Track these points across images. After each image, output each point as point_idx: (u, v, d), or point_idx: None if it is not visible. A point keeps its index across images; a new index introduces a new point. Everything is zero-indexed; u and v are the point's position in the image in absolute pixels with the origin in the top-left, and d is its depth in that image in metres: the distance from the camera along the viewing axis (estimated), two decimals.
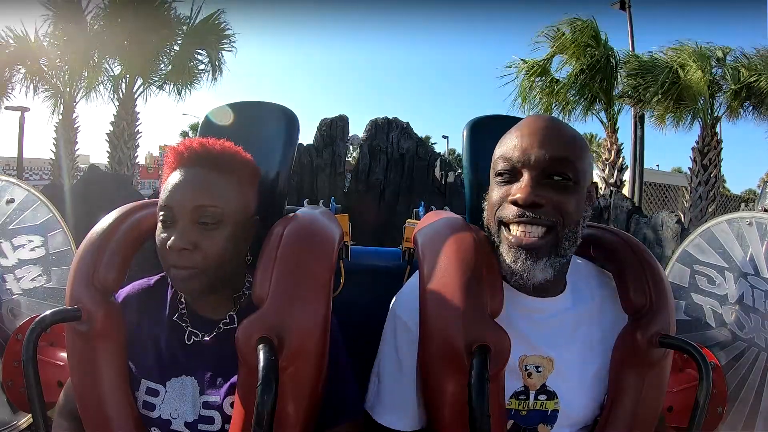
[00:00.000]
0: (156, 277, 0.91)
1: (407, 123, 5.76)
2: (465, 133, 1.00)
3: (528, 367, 0.81)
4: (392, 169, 5.53)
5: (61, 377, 1.10)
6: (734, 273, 1.25)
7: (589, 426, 0.86)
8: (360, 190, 5.51)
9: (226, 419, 0.79)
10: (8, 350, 1.21)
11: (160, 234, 0.79)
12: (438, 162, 5.56)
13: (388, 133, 5.63)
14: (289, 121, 1.02)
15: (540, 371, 0.81)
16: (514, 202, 0.75)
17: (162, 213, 0.79)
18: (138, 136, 8.61)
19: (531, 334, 0.80)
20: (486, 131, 0.95)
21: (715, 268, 1.28)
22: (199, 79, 8.80)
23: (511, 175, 0.77)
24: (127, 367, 0.82)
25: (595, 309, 0.86)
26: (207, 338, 0.83)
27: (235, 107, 1.06)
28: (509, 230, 0.76)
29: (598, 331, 0.85)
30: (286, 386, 0.69)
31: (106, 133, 8.50)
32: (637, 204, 6.43)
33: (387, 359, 0.85)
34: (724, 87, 7.46)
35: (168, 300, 0.88)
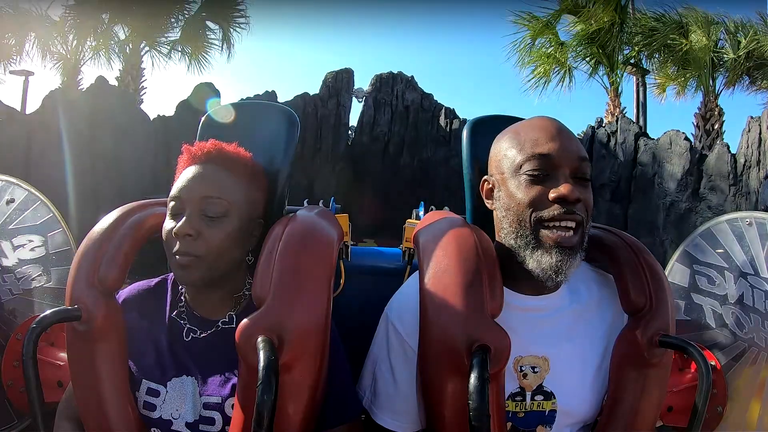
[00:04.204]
0: (157, 279, 0.92)
1: (412, 76, 5.69)
2: (465, 133, 1.00)
3: (523, 368, 0.80)
4: (396, 121, 5.47)
5: (61, 377, 1.10)
6: (734, 273, 1.25)
7: (589, 425, 0.86)
8: (364, 143, 5.47)
9: (227, 421, 0.79)
10: (8, 350, 1.21)
11: (167, 224, 0.81)
12: (442, 111, 5.51)
13: (393, 86, 5.59)
14: (289, 121, 1.02)
15: (537, 372, 0.81)
16: (561, 199, 0.75)
17: (171, 204, 0.81)
18: (143, 92, 8.59)
19: (526, 334, 0.80)
20: (487, 131, 0.95)
21: (715, 268, 1.28)
22: (209, 51, 8.75)
23: (545, 174, 0.77)
24: (128, 367, 0.82)
25: (594, 307, 0.86)
26: (204, 334, 0.84)
27: (236, 107, 1.06)
28: (550, 229, 0.76)
29: (597, 329, 0.85)
30: (286, 386, 0.69)
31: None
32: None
33: (381, 366, 0.85)
34: (724, 58, 7.39)
35: (168, 301, 0.88)
